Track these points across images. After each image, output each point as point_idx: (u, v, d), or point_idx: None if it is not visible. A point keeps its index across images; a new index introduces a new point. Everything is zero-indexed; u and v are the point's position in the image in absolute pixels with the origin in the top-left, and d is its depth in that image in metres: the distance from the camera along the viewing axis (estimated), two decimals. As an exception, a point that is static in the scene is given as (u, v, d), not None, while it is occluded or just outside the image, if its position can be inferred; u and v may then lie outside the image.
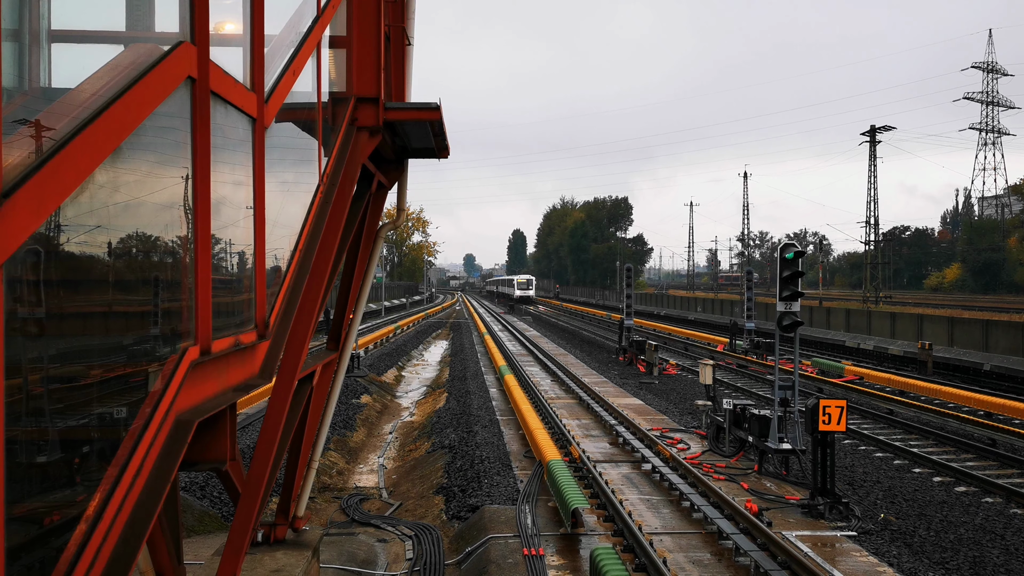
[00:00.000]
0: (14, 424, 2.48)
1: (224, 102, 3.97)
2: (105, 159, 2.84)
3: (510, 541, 11.74)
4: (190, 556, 9.56)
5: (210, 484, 14.66)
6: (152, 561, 4.81)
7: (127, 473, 3.08)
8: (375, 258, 9.29)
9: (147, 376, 3.41)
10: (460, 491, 15.11)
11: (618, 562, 9.34)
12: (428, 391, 31.72)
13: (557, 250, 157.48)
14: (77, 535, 2.80)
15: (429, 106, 7.60)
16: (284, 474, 8.41)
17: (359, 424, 22.82)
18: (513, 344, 47.55)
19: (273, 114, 4.78)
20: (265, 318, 4.75)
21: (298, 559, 8.02)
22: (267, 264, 4.77)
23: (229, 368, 4.27)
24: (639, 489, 14.84)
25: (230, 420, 4.40)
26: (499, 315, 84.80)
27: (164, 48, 3.40)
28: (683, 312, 75.20)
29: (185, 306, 3.69)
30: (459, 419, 22.36)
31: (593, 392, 25.78)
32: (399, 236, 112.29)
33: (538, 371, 33.75)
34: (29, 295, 2.57)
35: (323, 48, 6.09)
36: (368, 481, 17.96)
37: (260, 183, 4.58)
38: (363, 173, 7.62)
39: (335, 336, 9.17)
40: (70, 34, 3.87)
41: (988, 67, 76.27)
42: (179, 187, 3.59)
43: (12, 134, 2.56)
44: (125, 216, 3.19)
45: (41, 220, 2.50)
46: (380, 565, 11.66)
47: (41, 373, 2.73)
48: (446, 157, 9.19)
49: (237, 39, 4.42)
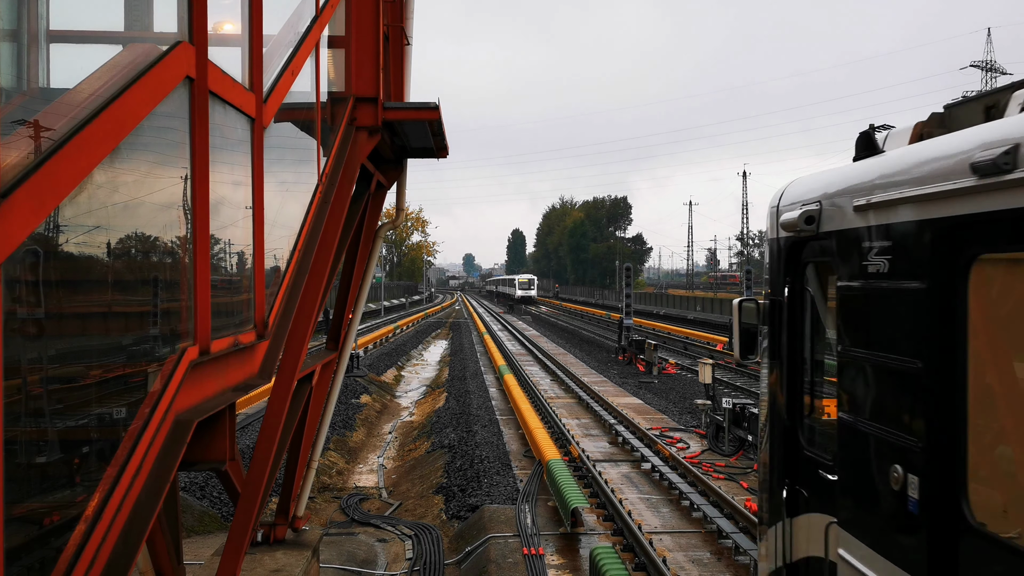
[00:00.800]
0: (13, 424, 2.48)
1: (223, 102, 3.97)
2: (104, 159, 2.84)
3: (510, 540, 11.74)
4: (190, 556, 9.57)
5: (210, 484, 14.66)
6: (152, 561, 4.82)
7: (126, 473, 3.08)
8: (374, 258, 9.29)
9: (146, 376, 3.41)
10: (460, 491, 15.12)
11: (618, 561, 9.35)
12: (428, 391, 31.72)
13: (556, 250, 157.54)
14: (76, 535, 2.80)
15: (428, 106, 7.60)
16: (284, 474, 8.41)
17: (359, 424, 22.82)
18: (512, 344, 47.56)
19: (272, 114, 4.78)
20: (264, 318, 4.75)
21: (298, 559, 8.02)
22: (266, 264, 4.77)
23: (228, 368, 4.27)
24: (639, 488, 14.85)
25: (229, 420, 4.40)
26: (499, 315, 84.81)
27: (162, 48, 3.40)
28: (682, 311, 75.17)
29: (184, 306, 3.69)
30: (459, 419, 22.37)
31: (592, 391, 25.79)
32: (398, 236, 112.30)
33: (538, 370, 33.76)
34: (28, 295, 2.57)
35: (322, 48, 6.09)
36: (368, 481, 17.96)
37: (259, 183, 4.58)
38: (362, 173, 7.62)
39: (334, 336, 9.17)
40: (68, 34, 3.87)
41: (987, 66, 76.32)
42: (178, 187, 3.59)
43: (10, 134, 2.56)
44: (124, 216, 3.19)
45: (40, 220, 2.50)
46: (380, 565, 11.67)
47: (40, 373, 2.73)
48: (445, 157, 9.19)
49: (236, 39, 4.42)
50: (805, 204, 4.73)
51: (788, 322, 5.12)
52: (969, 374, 3.34)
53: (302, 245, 5.60)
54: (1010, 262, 3.21)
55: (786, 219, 4.94)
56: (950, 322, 3.40)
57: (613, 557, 9.45)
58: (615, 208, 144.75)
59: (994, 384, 3.41)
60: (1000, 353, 3.33)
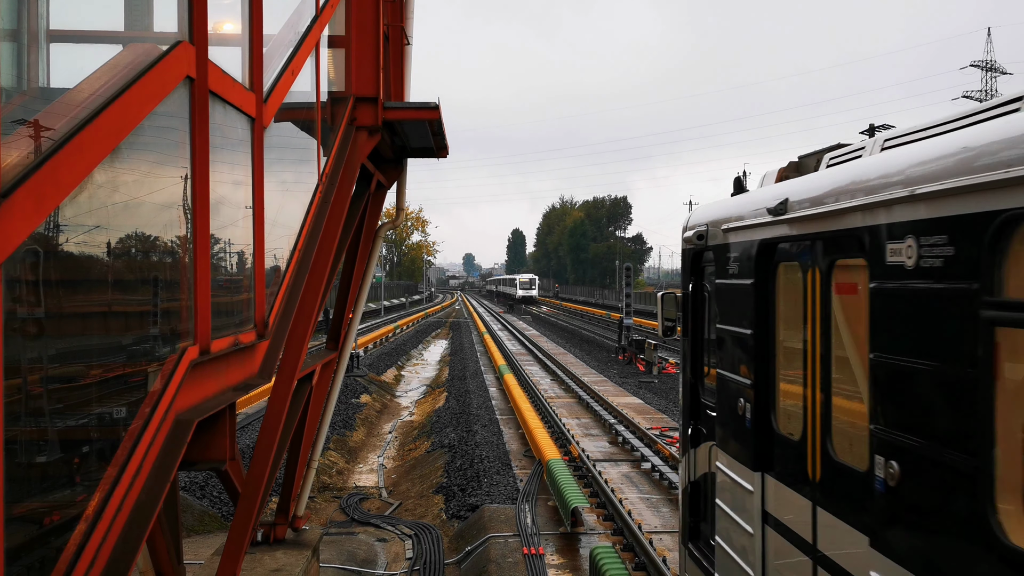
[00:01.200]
0: (13, 424, 2.48)
1: (223, 102, 3.97)
2: (104, 159, 2.84)
3: (510, 540, 11.74)
4: (190, 556, 9.57)
5: (210, 484, 14.66)
6: (152, 561, 4.82)
7: (126, 473, 3.09)
8: (374, 258, 9.29)
9: (146, 376, 3.41)
10: (460, 490, 15.12)
11: (618, 561, 9.35)
12: (428, 390, 31.72)
13: (556, 249, 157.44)
14: (77, 534, 2.80)
15: (428, 105, 7.60)
16: (284, 474, 8.41)
17: (359, 423, 22.82)
18: (512, 343, 47.56)
19: (272, 114, 4.78)
20: (264, 318, 4.75)
21: (298, 558, 8.02)
22: (266, 264, 4.77)
23: (228, 368, 4.27)
24: (639, 488, 14.85)
25: (229, 420, 4.40)
26: (499, 314, 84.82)
27: (163, 48, 3.40)
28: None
29: (184, 306, 3.69)
30: (459, 418, 22.37)
31: (592, 391, 25.79)
32: (398, 236, 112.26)
33: (537, 370, 33.76)
34: (28, 295, 2.57)
35: (322, 48, 6.09)
36: (368, 480, 17.97)
37: (259, 183, 4.58)
38: (362, 172, 7.62)
39: (334, 336, 9.17)
40: (68, 34, 3.88)
41: (987, 66, 76.22)
42: (178, 187, 3.59)
43: (11, 134, 2.57)
44: (124, 216, 3.20)
45: (40, 220, 2.50)
46: (380, 564, 11.67)
47: (41, 373, 2.73)
48: (445, 156, 9.19)
49: (236, 39, 4.42)
50: (699, 227, 6.60)
51: (691, 309, 7.02)
52: (777, 338, 5.22)
53: (302, 245, 5.60)
54: (794, 267, 4.99)
55: (688, 236, 6.84)
56: (765, 305, 5.29)
57: (613, 557, 9.46)
58: (615, 208, 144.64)
59: (791, 345, 5.08)
60: (792, 325, 5.05)
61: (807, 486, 4.66)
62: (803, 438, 4.77)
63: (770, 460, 5.22)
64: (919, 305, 3.45)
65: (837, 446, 4.41)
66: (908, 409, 3.54)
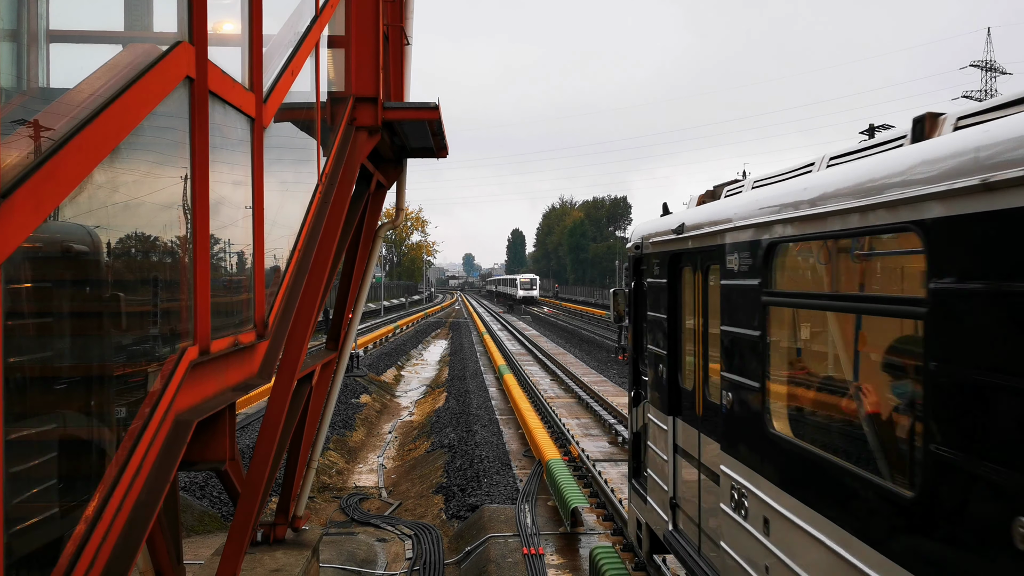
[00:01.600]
0: (14, 424, 2.48)
1: (223, 102, 3.97)
2: (104, 159, 2.84)
3: (509, 540, 11.74)
4: (190, 556, 9.57)
5: (210, 484, 14.67)
6: (152, 561, 4.81)
7: (126, 473, 3.09)
8: (374, 258, 9.29)
9: (146, 376, 3.41)
10: (459, 490, 15.12)
11: (618, 561, 9.35)
12: (427, 390, 31.72)
13: (556, 249, 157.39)
14: (77, 535, 2.80)
15: (428, 106, 7.60)
16: (283, 474, 8.42)
17: (358, 424, 22.82)
18: (512, 343, 47.56)
19: (272, 114, 4.78)
20: (264, 318, 4.75)
21: (298, 558, 8.03)
22: (266, 264, 4.77)
23: (228, 368, 4.27)
24: (638, 488, 14.85)
25: (229, 420, 4.40)
26: (498, 315, 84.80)
27: (162, 48, 3.40)
28: (682, 311, 75.03)
29: (184, 306, 3.69)
30: (458, 418, 22.37)
31: (592, 391, 25.78)
32: (398, 236, 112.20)
33: (537, 370, 33.76)
34: (28, 295, 2.57)
35: (322, 48, 6.09)
36: (368, 481, 17.97)
37: (259, 183, 4.58)
38: (362, 173, 7.63)
39: (334, 336, 9.17)
40: (68, 34, 3.88)
41: (987, 66, 76.21)
42: (178, 187, 3.59)
43: (10, 134, 2.57)
44: (124, 216, 3.20)
45: (40, 220, 2.50)
46: (380, 564, 11.67)
47: (40, 373, 2.73)
48: (445, 156, 9.19)
49: (235, 39, 4.42)
50: (637, 240, 8.66)
51: (634, 301, 9.03)
52: (681, 322, 7.38)
53: (302, 245, 5.60)
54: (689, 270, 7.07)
55: (629, 246, 9.08)
56: (675, 297, 7.44)
57: (613, 557, 9.45)
58: (615, 208, 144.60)
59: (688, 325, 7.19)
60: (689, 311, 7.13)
61: (696, 420, 6.82)
62: (693, 388, 6.92)
63: (678, 406, 7.37)
64: (739, 293, 5.51)
65: (710, 391, 6.44)
66: (736, 359, 5.61)
